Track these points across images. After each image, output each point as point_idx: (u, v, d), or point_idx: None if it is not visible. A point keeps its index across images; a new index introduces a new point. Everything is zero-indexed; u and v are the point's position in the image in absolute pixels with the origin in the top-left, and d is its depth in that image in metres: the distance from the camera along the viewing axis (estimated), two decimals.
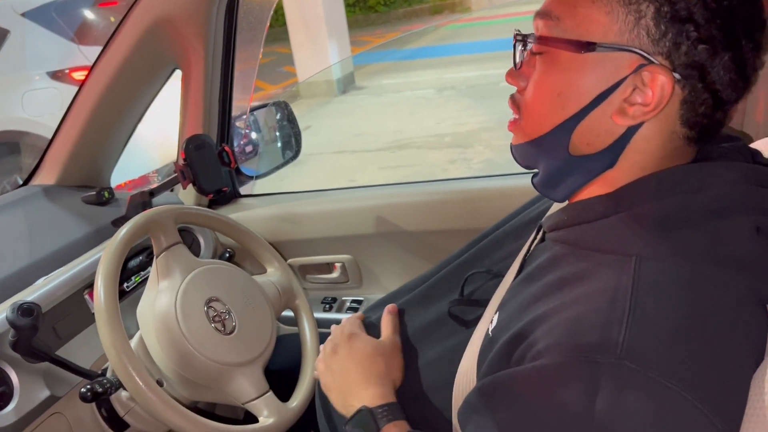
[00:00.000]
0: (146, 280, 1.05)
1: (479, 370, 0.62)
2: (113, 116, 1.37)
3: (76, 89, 1.34)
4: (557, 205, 0.74)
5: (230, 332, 1.02)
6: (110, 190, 1.38)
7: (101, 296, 0.91)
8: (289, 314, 1.24)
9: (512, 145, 0.66)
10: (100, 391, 0.96)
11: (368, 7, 11.98)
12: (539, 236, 0.70)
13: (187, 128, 1.39)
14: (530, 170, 0.67)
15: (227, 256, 1.33)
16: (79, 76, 3.52)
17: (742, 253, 0.53)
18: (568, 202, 0.66)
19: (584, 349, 0.48)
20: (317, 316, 1.25)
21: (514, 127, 0.65)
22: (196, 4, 1.23)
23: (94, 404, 1.05)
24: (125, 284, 1.20)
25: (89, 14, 3.85)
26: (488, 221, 0.93)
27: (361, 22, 11.61)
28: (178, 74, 1.38)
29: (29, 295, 1.02)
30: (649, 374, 0.46)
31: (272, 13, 1.52)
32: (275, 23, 7.86)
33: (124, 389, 1.01)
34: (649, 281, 0.51)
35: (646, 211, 0.56)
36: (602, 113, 0.57)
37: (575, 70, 0.57)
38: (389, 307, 0.86)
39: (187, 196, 1.49)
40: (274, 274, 1.21)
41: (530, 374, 0.51)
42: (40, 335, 0.93)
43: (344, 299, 1.49)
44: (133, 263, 1.22)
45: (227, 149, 1.33)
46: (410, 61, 8.40)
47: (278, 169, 1.57)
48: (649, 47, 0.54)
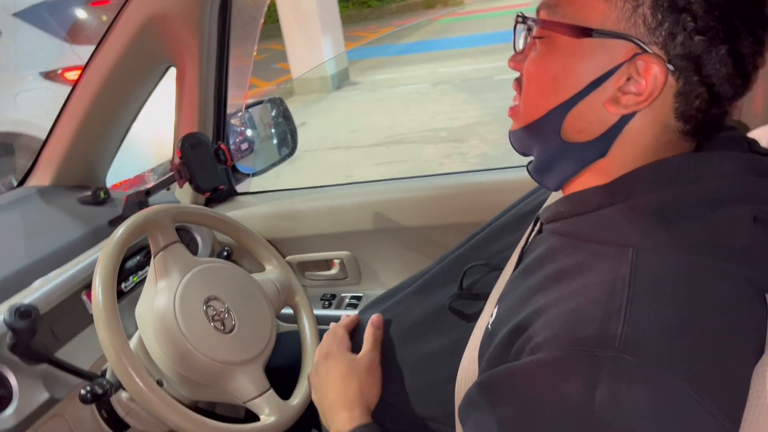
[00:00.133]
0: (144, 279, 1.05)
1: (480, 363, 0.62)
2: (107, 116, 1.36)
3: (68, 89, 1.33)
4: (554, 196, 0.74)
5: (230, 331, 1.02)
6: (106, 189, 1.37)
7: (99, 297, 0.90)
8: (288, 311, 1.24)
9: (510, 131, 0.66)
10: (100, 392, 0.95)
11: (361, 2, 11.96)
12: (536, 228, 0.70)
13: (182, 126, 1.39)
14: (526, 157, 0.67)
15: (225, 254, 1.33)
16: (72, 75, 3.50)
17: (740, 243, 0.53)
18: (563, 193, 0.65)
19: (583, 342, 0.48)
20: (317, 312, 1.25)
21: (512, 113, 0.65)
22: (189, 1, 1.22)
23: (94, 405, 1.04)
24: (123, 284, 1.20)
25: (81, 13, 3.83)
26: (486, 215, 0.92)
27: (354, 17, 11.59)
28: (172, 72, 1.38)
29: (27, 297, 1.01)
30: (647, 367, 0.46)
31: (265, 9, 1.52)
32: (268, 20, 7.83)
33: (124, 390, 1.01)
34: (647, 273, 0.51)
35: (643, 202, 0.55)
36: (595, 100, 0.57)
37: (571, 55, 0.57)
38: (373, 318, 0.85)
39: (183, 194, 1.48)
40: (272, 271, 1.20)
41: (529, 368, 0.50)
42: (38, 337, 0.93)
43: (343, 296, 1.48)
44: (130, 263, 1.22)
45: (223, 147, 1.33)
46: (404, 55, 8.39)
47: (274, 166, 1.57)
48: (644, 36, 0.53)
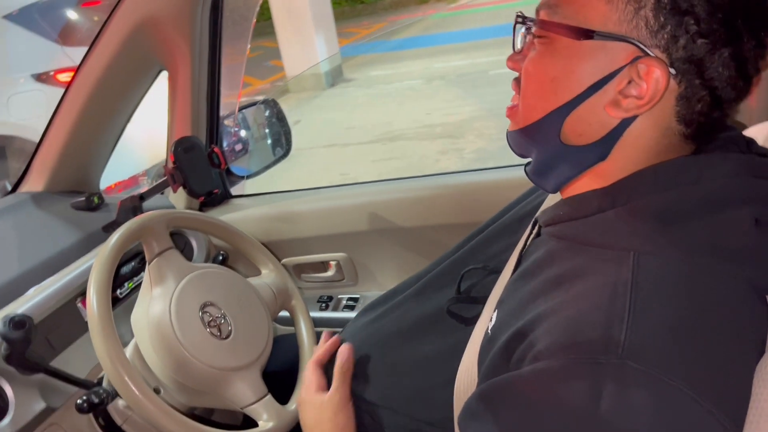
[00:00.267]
0: (139, 286, 1.04)
1: (480, 368, 0.61)
2: (99, 120, 1.35)
3: (61, 91, 1.32)
4: (552, 198, 0.73)
5: (226, 337, 1.01)
6: (99, 195, 1.36)
7: (94, 305, 0.89)
8: (285, 314, 1.23)
9: (508, 131, 0.65)
10: (96, 401, 0.95)
11: None
12: (535, 231, 0.69)
13: (175, 130, 1.38)
14: (524, 158, 0.66)
15: (221, 258, 1.32)
16: (64, 77, 3.48)
17: (741, 245, 0.52)
18: (561, 195, 0.65)
19: (585, 349, 0.47)
20: (314, 315, 1.24)
21: (511, 113, 0.64)
22: (180, 4, 1.21)
23: (91, 414, 1.04)
24: (118, 291, 1.19)
25: (72, 15, 3.81)
26: (483, 214, 0.92)
27: (347, 13, 11.56)
28: (163, 75, 1.37)
29: (21, 306, 1.00)
30: (651, 373, 0.45)
31: (258, 8, 1.51)
32: (260, 17, 7.81)
33: (120, 398, 1.00)
34: (648, 276, 0.51)
35: (643, 205, 0.55)
36: (596, 103, 0.56)
37: (571, 56, 0.56)
38: (342, 351, 0.83)
39: (177, 198, 1.47)
40: (268, 275, 1.20)
41: (531, 378, 0.50)
42: (33, 347, 0.92)
43: (340, 297, 1.48)
44: (125, 269, 1.21)
45: (217, 150, 1.32)
46: (398, 51, 8.38)
47: (269, 167, 1.56)
48: (646, 39, 0.53)
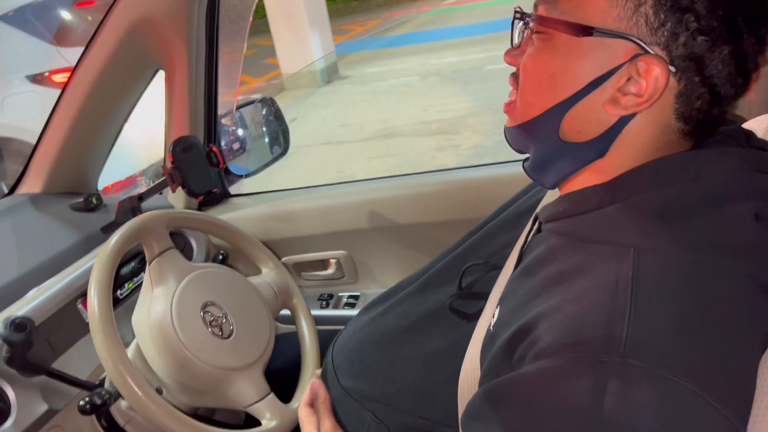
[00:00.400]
0: (139, 287, 1.04)
1: (482, 365, 0.61)
2: (97, 121, 1.34)
3: (56, 92, 1.31)
4: (551, 194, 0.73)
5: (228, 336, 1.01)
6: (98, 195, 1.36)
7: (95, 306, 0.89)
8: (286, 313, 1.23)
9: (506, 127, 0.65)
10: (99, 402, 0.95)
11: None
12: (535, 227, 0.69)
13: (173, 130, 1.37)
14: (522, 154, 0.66)
15: (221, 258, 1.32)
16: (59, 78, 3.47)
17: (742, 240, 0.52)
18: (560, 191, 0.64)
19: (587, 348, 0.47)
20: (314, 313, 1.24)
21: (508, 109, 0.64)
22: (176, 3, 1.20)
23: (93, 416, 1.03)
24: (118, 292, 1.18)
25: (66, 15, 3.79)
26: (483, 210, 0.92)
27: (341, 10, 11.55)
28: (160, 75, 1.36)
29: (21, 308, 1.00)
30: (654, 370, 0.45)
31: (254, 7, 1.50)
32: (255, 15, 7.77)
33: (123, 399, 1.00)
34: (649, 273, 0.50)
35: (643, 201, 0.55)
36: (594, 101, 0.56)
37: (570, 53, 0.55)
38: (314, 387, 0.86)
39: (176, 198, 1.47)
40: (269, 274, 1.20)
41: (534, 377, 0.49)
42: (34, 349, 0.92)
43: (340, 295, 1.48)
44: (125, 270, 1.21)
45: (215, 149, 1.32)
46: (393, 48, 8.37)
47: (267, 166, 1.55)
48: (646, 36, 0.52)
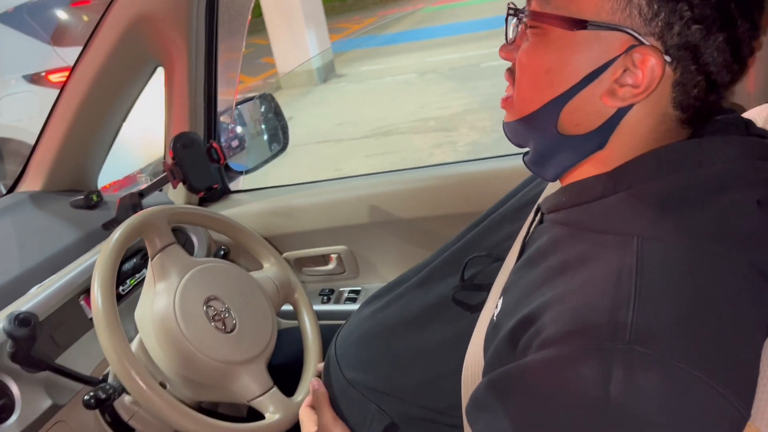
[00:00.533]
0: (141, 282, 1.04)
1: (486, 355, 0.61)
2: (96, 118, 1.35)
3: (53, 92, 1.32)
4: (553, 185, 0.74)
5: (231, 330, 1.01)
6: (98, 193, 1.36)
7: (99, 301, 0.90)
8: (288, 308, 1.24)
9: (504, 122, 0.65)
10: (103, 397, 0.95)
11: None
12: (538, 218, 0.69)
13: (173, 126, 1.37)
14: (521, 148, 0.66)
15: (222, 253, 1.32)
16: (56, 78, 3.46)
17: (745, 228, 0.52)
18: (561, 183, 0.65)
19: (593, 335, 0.48)
20: (316, 308, 1.24)
21: (506, 104, 0.64)
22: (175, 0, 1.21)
23: (97, 410, 1.04)
24: (121, 287, 1.19)
25: (63, 15, 3.79)
26: (483, 204, 0.92)
27: (337, 8, 11.53)
28: (159, 72, 1.36)
29: (24, 304, 1.00)
30: (659, 356, 0.46)
31: (252, 5, 1.50)
32: (251, 14, 7.79)
33: (127, 394, 1.01)
34: (653, 261, 0.51)
35: (646, 189, 0.55)
36: (591, 93, 0.56)
37: (565, 47, 0.55)
38: (313, 386, 0.87)
39: (177, 195, 1.47)
40: (270, 269, 1.20)
41: (539, 366, 0.50)
42: (38, 344, 0.92)
43: (342, 290, 1.48)
44: (127, 266, 1.21)
45: (215, 145, 1.32)
46: (389, 46, 8.37)
47: (266, 162, 1.56)
48: (640, 27, 0.52)
